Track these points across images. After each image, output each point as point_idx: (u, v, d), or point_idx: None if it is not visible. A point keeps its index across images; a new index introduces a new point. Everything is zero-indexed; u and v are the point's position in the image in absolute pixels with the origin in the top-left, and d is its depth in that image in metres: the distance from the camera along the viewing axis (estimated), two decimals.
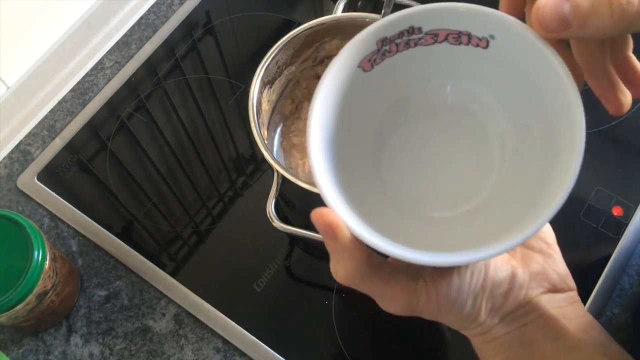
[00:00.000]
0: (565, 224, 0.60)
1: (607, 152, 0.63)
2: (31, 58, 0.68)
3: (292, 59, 0.62)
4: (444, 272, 0.34)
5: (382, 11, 0.59)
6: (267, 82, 0.60)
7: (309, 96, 0.66)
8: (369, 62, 0.34)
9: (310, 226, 0.54)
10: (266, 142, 0.57)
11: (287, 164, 0.62)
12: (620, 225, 0.59)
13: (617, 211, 0.60)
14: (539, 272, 0.35)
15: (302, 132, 0.63)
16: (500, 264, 0.34)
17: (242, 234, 0.62)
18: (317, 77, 0.66)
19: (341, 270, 0.33)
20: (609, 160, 0.54)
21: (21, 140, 0.68)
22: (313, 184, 0.54)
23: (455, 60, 0.35)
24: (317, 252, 0.61)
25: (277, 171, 0.54)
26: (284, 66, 0.62)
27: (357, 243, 0.32)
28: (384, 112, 0.37)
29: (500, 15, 0.32)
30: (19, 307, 0.50)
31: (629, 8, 0.27)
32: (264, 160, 0.65)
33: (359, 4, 0.75)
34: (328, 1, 0.76)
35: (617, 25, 0.28)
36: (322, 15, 0.61)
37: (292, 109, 0.65)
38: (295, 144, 0.63)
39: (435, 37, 0.34)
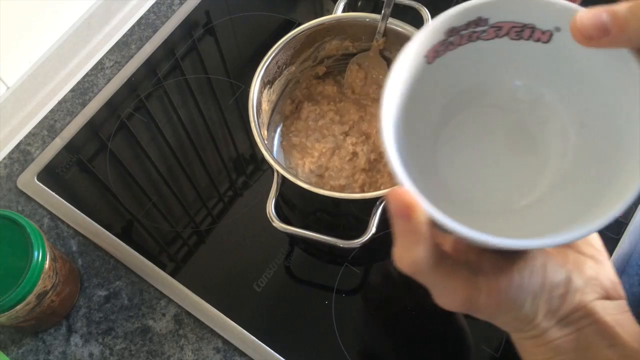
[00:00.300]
0: None
1: None
2: (31, 58, 0.68)
3: (292, 59, 0.62)
4: (505, 269, 0.33)
5: (382, 11, 0.59)
6: (267, 82, 0.60)
7: (308, 96, 0.66)
8: (433, 53, 0.34)
9: (310, 226, 0.54)
10: (266, 142, 0.57)
11: (287, 164, 0.62)
12: (620, 225, 0.59)
13: None
14: (592, 277, 0.35)
15: (302, 132, 0.63)
16: (557, 266, 0.34)
17: (242, 234, 0.62)
18: (317, 77, 0.66)
19: (409, 256, 0.31)
20: None
21: (21, 140, 0.68)
22: (312, 184, 0.54)
23: (514, 55, 0.35)
24: (317, 252, 0.61)
25: (277, 171, 0.54)
26: (284, 66, 0.62)
27: (430, 229, 0.30)
28: (442, 105, 0.37)
29: (571, 7, 0.32)
30: (19, 307, 0.50)
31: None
32: (264, 160, 0.65)
33: (359, 4, 0.75)
34: (328, 1, 0.76)
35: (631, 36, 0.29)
36: (322, 15, 0.61)
37: (292, 109, 0.65)
38: (295, 144, 0.63)
39: (498, 30, 0.34)
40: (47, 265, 0.52)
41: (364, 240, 0.51)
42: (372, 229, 0.51)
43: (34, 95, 0.69)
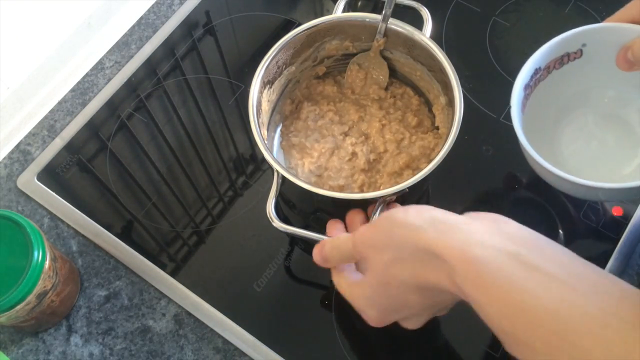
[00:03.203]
0: (565, 223, 0.60)
1: None
2: (31, 58, 0.68)
3: (292, 59, 0.62)
4: None
5: (383, 12, 0.59)
6: (267, 82, 0.60)
7: (308, 96, 0.65)
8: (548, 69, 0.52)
9: (310, 226, 0.54)
10: (266, 142, 0.57)
11: (287, 164, 0.62)
12: (620, 225, 0.59)
13: (617, 211, 0.60)
14: None
15: (301, 132, 0.63)
16: None
17: (242, 234, 0.62)
18: (317, 77, 0.66)
19: (337, 282, 0.51)
20: None
21: (21, 140, 0.68)
22: (312, 184, 0.54)
23: (585, 70, 0.52)
24: None
25: (277, 171, 0.54)
26: (284, 66, 0.62)
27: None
28: (558, 106, 0.54)
29: (587, 27, 0.50)
30: (19, 307, 0.50)
31: None
32: (264, 160, 0.65)
33: (359, 3, 0.75)
34: (328, 1, 0.76)
35: None
36: (322, 16, 0.61)
37: (292, 109, 0.65)
38: (294, 144, 0.63)
39: (547, 70, 0.52)
40: (47, 265, 0.52)
41: None
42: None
43: (34, 95, 0.69)
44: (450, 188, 0.63)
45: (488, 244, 0.37)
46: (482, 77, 0.68)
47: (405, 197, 0.54)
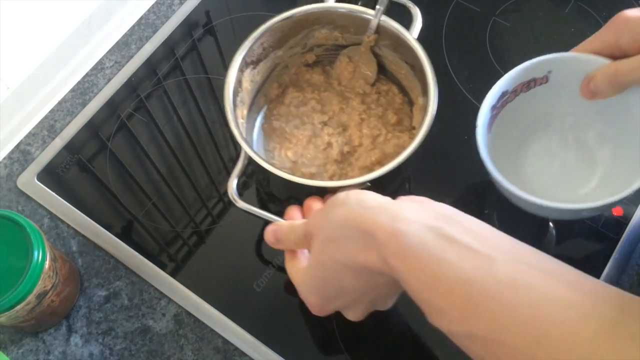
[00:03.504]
0: (566, 223, 0.60)
1: None
2: (31, 58, 0.68)
3: (279, 43, 0.62)
4: None
5: (376, 7, 0.59)
6: (250, 62, 0.60)
7: (296, 81, 0.66)
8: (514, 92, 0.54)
9: (281, 212, 0.54)
10: (242, 120, 0.58)
11: (267, 146, 0.63)
12: (620, 225, 0.59)
13: (617, 211, 0.60)
14: None
15: (283, 116, 0.64)
16: None
17: (243, 233, 0.62)
18: (307, 65, 0.66)
19: (290, 266, 0.52)
20: None
21: (21, 140, 0.68)
22: (285, 169, 0.57)
23: (544, 95, 0.54)
24: None
25: (243, 149, 0.54)
26: (270, 49, 0.62)
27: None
28: (524, 126, 0.57)
29: (553, 55, 0.52)
30: (19, 307, 0.50)
31: (618, 78, 0.49)
32: None
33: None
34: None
35: (615, 88, 0.50)
36: None
37: (278, 92, 0.65)
38: (275, 128, 0.63)
39: (515, 92, 0.54)
40: (47, 265, 0.52)
41: None
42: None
43: (34, 95, 0.69)
44: (449, 187, 0.63)
45: (413, 219, 0.39)
46: (482, 77, 0.68)
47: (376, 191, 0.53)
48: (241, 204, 0.54)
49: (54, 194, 0.64)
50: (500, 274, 0.35)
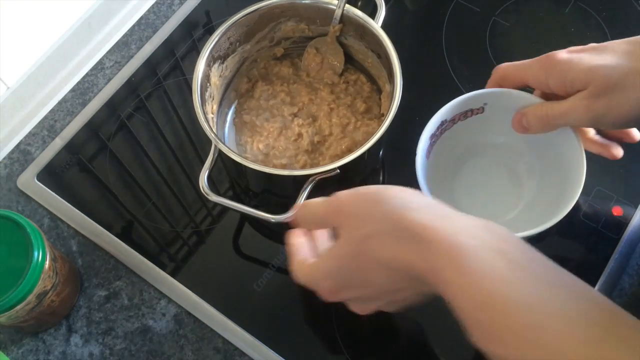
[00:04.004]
0: (566, 223, 0.60)
1: None
2: (31, 58, 0.68)
3: (246, 37, 0.63)
4: None
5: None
6: (217, 57, 0.61)
7: (265, 75, 0.67)
8: (452, 121, 0.57)
9: (258, 206, 0.55)
10: (212, 115, 0.59)
11: (238, 140, 0.63)
12: (620, 225, 0.59)
13: (617, 211, 0.60)
14: None
15: (254, 110, 0.64)
16: None
17: (242, 233, 0.62)
18: (276, 58, 0.67)
19: (299, 269, 0.48)
20: (609, 160, 0.54)
21: (21, 140, 0.68)
22: (258, 162, 0.59)
23: (480, 124, 0.57)
24: None
25: (213, 143, 0.55)
26: (237, 43, 0.62)
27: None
28: (457, 155, 0.60)
29: (489, 90, 0.56)
30: (19, 307, 0.50)
31: (549, 120, 0.52)
32: None
33: None
34: None
35: (546, 128, 0.53)
36: None
37: (248, 87, 0.66)
38: (246, 122, 0.64)
39: (453, 121, 0.57)
40: (47, 265, 0.52)
41: (288, 216, 0.51)
42: (299, 202, 0.52)
43: (34, 95, 0.69)
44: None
45: (477, 236, 0.38)
46: (482, 77, 0.67)
47: (347, 179, 0.54)
48: (214, 197, 0.54)
49: (54, 194, 0.64)
50: (563, 307, 0.35)
